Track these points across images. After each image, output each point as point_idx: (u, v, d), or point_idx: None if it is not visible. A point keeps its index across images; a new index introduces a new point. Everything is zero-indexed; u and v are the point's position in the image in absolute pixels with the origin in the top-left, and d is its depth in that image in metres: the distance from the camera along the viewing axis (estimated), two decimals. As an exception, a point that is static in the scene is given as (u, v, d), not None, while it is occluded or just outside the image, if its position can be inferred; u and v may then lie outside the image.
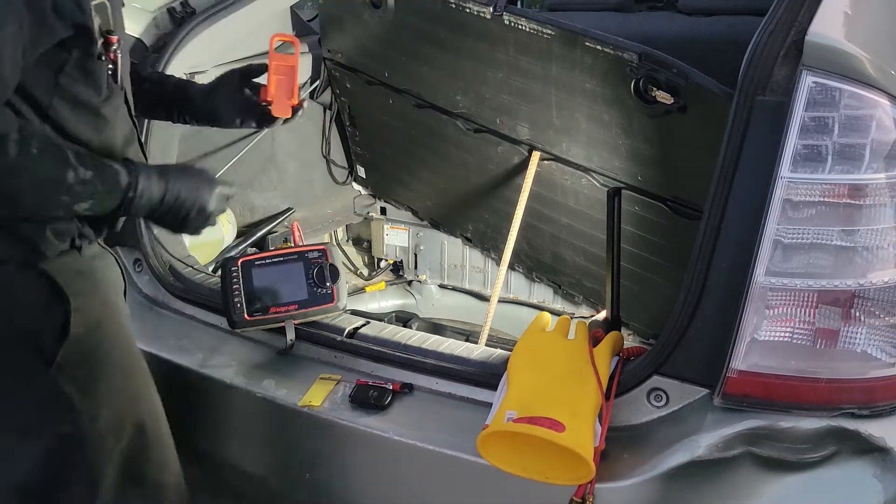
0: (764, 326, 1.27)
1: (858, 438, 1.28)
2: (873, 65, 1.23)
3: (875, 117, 1.22)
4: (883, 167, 1.22)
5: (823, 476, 1.30)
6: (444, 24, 2.13)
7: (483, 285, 2.85)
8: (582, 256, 2.32)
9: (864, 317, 1.26)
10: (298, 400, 1.61)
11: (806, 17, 1.29)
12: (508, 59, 2.02)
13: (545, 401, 1.37)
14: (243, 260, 1.79)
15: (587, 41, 1.79)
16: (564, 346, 1.49)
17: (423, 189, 2.74)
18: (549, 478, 1.34)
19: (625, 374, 1.42)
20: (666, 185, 1.93)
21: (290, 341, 1.75)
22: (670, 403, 1.37)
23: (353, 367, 1.70)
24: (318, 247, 1.84)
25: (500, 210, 2.46)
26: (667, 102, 1.70)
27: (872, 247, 1.24)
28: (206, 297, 1.90)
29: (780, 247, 1.25)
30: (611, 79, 1.80)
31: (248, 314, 1.74)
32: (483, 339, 2.28)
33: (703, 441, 1.30)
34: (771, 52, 1.28)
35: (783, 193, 1.24)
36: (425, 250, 2.93)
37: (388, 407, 1.57)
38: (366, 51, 2.50)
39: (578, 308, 2.54)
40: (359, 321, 1.83)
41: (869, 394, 1.28)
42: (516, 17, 1.92)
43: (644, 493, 1.32)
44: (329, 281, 1.79)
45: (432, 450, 1.46)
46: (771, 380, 1.29)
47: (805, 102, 1.23)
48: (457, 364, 1.62)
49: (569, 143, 2.10)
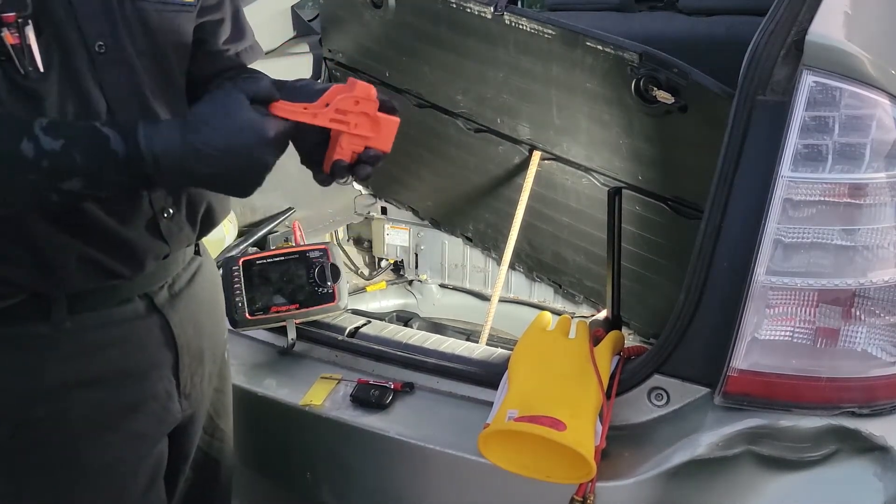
0: (764, 325, 1.27)
1: (859, 437, 1.28)
2: (874, 64, 1.23)
3: (875, 117, 1.22)
4: (883, 166, 1.23)
5: (824, 475, 1.30)
6: (445, 23, 2.13)
7: (484, 285, 2.85)
8: (583, 256, 2.32)
9: (864, 316, 1.26)
10: (299, 399, 1.61)
11: (806, 16, 1.29)
12: (509, 59, 2.02)
13: (546, 400, 1.37)
14: (244, 259, 1.79)
15: (588, 41, 1.79)
16: (565, 346, 1.49)
17: (424, 189, 2.74)
18: (550, 476, 1.34)
19: (625, 373, 1.42)
20: (666, 185, 1.93)
21: (292, 341, 1.75)
22: (671, 402, 1.37)
23: (354, 367, 1.70)
24: (319, 246, 1.85)
25: (500, 210, 2.46)
26: (667, 102, 1.70)
27: (873, 246, 1.24)
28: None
29: (781, 246, 1.25)
30: (611, 78, 1.81)
31: (249, 313, 1.75)
32: (484, 339, 2.29)
33: (703, 440, 1.30)
34: (771, 52, 1.29)
35: (784, 193, 1.24)
36: (426, 250, 2.93)
37: (389, 406, 1.57)
38: (366, 51, 2.50)
39: (579, 307, 2.54)
40: (360, 320, 1.83)
41: (869, 393, 1.29)
42: (517, 16, 1.92)
43: (645, 491, 1.32)
44: (330, 280, 1.80)
45: (434, 449, 1.47)
46: (771, 379, 1.29)
47: (805, 102, 1.23)
48: (458, 363, 1.62)
49: (569, 143, 2.10)
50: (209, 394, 1.44)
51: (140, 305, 1.25)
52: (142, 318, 1.25)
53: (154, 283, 1.27)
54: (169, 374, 1.30)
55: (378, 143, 1.15)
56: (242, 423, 1.61)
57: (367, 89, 1.13)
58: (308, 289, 1.78)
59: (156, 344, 1.27)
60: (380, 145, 1.16)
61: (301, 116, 1.10)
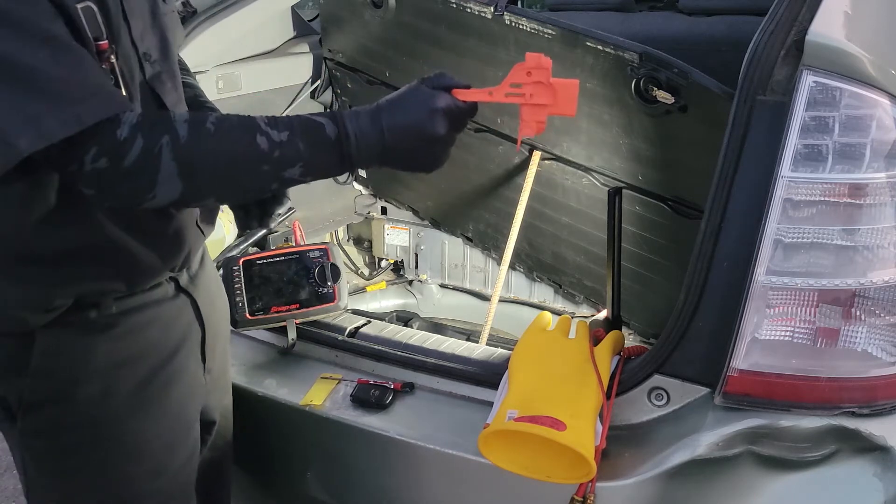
0: (764, 325, 1.27)
1: (859, 437, 1.28)
2: (874, 64, 1.23)
3: (875, 117, 1.22)
4: (883, 166, 1.23)
5: (824, 475, 1.30)
6: (445, 23, 2.13)
7: (484, 285, 2.85)
8: (583, 256, 2.32)
9: (864, 316, 1.26)
10: (300, 399, 1.61)
11: (806, 16, 1.29)
12: (509, 59, 2.02)
13: (546, 400, 1.37)
14: (245, 259, 1.80)
15: (588, 41, 1.80)
16: (565, 346, 1.49)
17: (424, 188, 2.74)
18: (551, 476, 1.34)
19: (625, 373, 1.42)
20: (666, 185, 1.93)
21: (292, 340, 1.75)
22: (671, 402, 1.37)
23: (354, 367, 1.70)
24: (320, 246, 1.85)
25: (500, 210, 2.46)
26: (667, 102, 1.70)
27: (873, 246, 1.24)
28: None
29: (781, 246, 1.25)
30: (611, 78, 1.81)
31: (249, 313, 1.75)
32: (484, 339, 2.29)
33: (703, 440, 1.30)
34: (771, 52, 1.29)
35: (784, 193, 1.24)
36: (426, 250, 2.93)
37: (389, 406, 1.57)
38: (366, 50, 2.50)
39: (579, 307, 2.54)
40: (360, 320, 1.83)
41: (869, 393, 1.29)
42: (517, 16, 1.92)
43: (645, 491, 1.32)
44: (330, 280, 1.80)
45: (434, 449, 1.47)
46: (771, 379, 1.29)
47: (805, 102, 1.23)
48: (458, 363, 1.62)
49: (569, 143, 2.10)
50: (223, 369, 1.54)
51: (169, 288, 1.34)
52: (171, 298, 1.34)
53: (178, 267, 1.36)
54: (197, 349, 1.39)
55: (559, 108, 1.18)
56: (242, 423, 1.61)
57: (537, 59, 1.16)
58: (308, 289, 1.78)
59: (186, 321, 1.37)
60: (562, 110, 1.18)
61: (477, 96, 1.18)
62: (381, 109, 1.17)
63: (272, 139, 1.11)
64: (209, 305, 1.43)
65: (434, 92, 1.18)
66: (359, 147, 1.16)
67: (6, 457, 2.74)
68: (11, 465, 2.56)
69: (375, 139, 1.16)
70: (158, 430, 1.32)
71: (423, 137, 1.17)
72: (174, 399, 1.34)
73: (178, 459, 1.37)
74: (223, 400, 1.56)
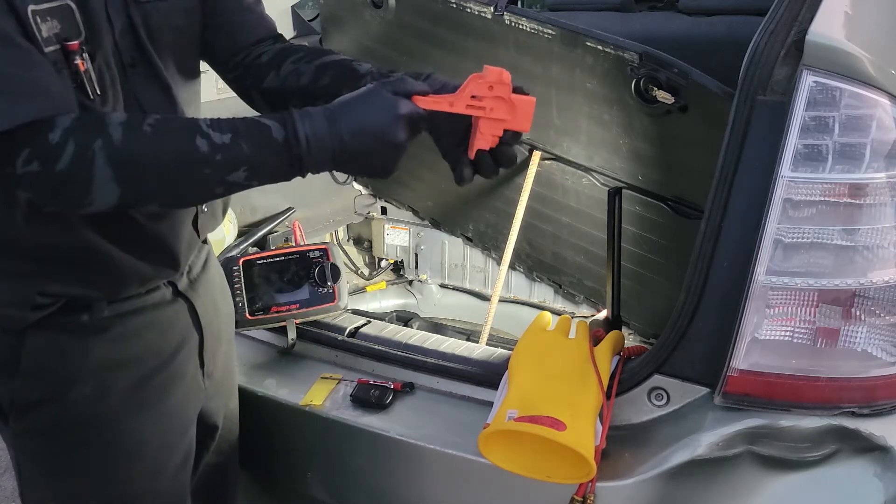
0: (764, 325, 1.28)
1: (859, 437, 1.28)
2: (874, 64, 1.23)
3: (875, 117, 1.22)
4: (883, 166, 1.23)
5: (824, 475, 1.30)
6: (445, 23, 2.13)
7: (484, 285, 2.85)
8: (583, 256, 2.32)
9: (864, 316, 1.26)
10: (300, 399, 1.61)
11: (806, 16, 1.29)
12: (509, 59, 2.02)
13: (546, 400, 1.37)
14: (244, 259, 1.80)
15: (588, 41, 1.79)
16: (565, 346, 1.49)
17: (424, 189, 2.74)
18: (551, 476, 1.34)
19: (625, 373, 1.42)
20: (666, 185, 1.93)
21: (292, 340, 1.75)
22: (671, 402, 1.38)
23: (354, 367, 1.70)
24: (319, 246, 1.85)
25: (500, 210, 2.46)
26: (667, 102, 1.70)
27: (873, 246, 1.24)
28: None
29: (781, 246, 1.25)
30: (611, 78, 1.80)
31: (249, 313, 1.75)
32: (484, 339, 2.29)
33: (703, 440, 1.30)
34: (771, 52, 1.28)
35: (784, 193, 1.24)
36: (426, 250, 2.93)
37: (389, 406, 1.57)
38: (367, 51, 2.49)
39: (579, 307, 2.54)
40: (360, 320, 1.83)
41: (869, 393, 1.29)
42: (517, 16, 1.92)
43: (645, 491, 1.32)
44: (330, 280, 1.80)
45: (434, 449, 1.47)
46: (771, 379, 1.29)
47: (805, 102, 1.23)
48: (458, 363, 1.62)
49: (569, 143, 2.10)
50: (227, 373, 1.54)
51: (167, 292, 1.34)
52: (169, 303, 1.34)
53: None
54: (195, 354, 1.40)
55: (516, 124, 1.19)
56: (243, 423, 1.61)
57: (499, 74, 1.17)
58: (308, 289, 1.79)
59: (184, 326, 1.37)
60: (518, 126, 1.19)
61: (438, 105, 1.16)
62: (337, 111, 1.13)
63: (213, 141, 1.07)
64: (210, 309, 1.43)
65: (397, 98, 1.15)
66: (310, 149, 1.12)
67: (6, 457, 2.74)
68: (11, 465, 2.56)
69: (331, 142, 1.12)
70: (154, 433, 1.32)
71: (383, 143, 1.13)
72: (171, 402, 1.33)
73: (174, 462, 1.36)
74: (227, 404, 1.55)
